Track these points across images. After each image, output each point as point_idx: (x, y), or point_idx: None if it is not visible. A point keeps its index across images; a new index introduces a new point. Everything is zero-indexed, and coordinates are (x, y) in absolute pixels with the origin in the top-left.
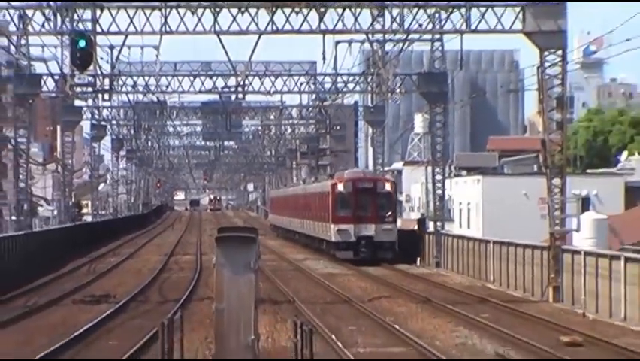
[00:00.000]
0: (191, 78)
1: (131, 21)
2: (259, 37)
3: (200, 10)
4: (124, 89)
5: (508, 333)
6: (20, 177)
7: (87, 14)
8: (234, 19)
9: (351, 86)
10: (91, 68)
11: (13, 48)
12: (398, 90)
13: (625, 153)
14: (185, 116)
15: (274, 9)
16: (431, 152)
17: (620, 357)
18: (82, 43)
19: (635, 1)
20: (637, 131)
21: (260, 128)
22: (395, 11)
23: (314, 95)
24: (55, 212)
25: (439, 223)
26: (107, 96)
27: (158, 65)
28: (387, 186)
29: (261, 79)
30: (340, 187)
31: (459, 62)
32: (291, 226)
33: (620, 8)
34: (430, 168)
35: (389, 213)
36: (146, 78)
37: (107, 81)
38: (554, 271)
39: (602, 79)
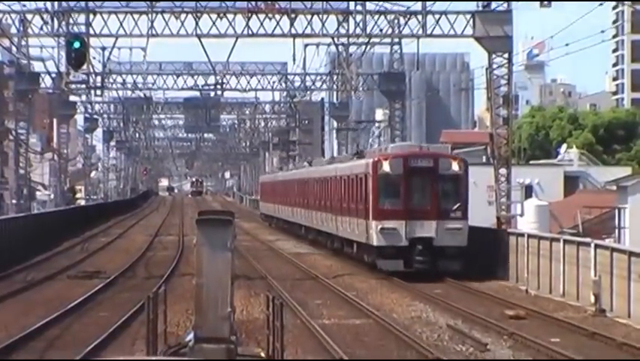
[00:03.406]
0: (175, 76)
1: (121, 25)
2: (236, 40)
3: (183, 16)
4: (114, 86)
5: (459, 307)
6: (20, 164)
7: (81, 19)
8: (214, 23)
9: (318, 84)
10: (84, 67)
11: (14, 49)
12: (361, 88)
13: (564, 146)
14: (169, 110)
15: (250, 15)
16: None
17: (558, 328)
18: (76, 45)
19: (572, 10)
20: (575, 126)
21: (236, 122)
22: (359, 17)
23: (285, 93)
24: (52, 196)
25: None
26: (98, 92)
27: (145, 65)
28: (455, 166)
29: (237, 78)
30: (386, 167)
31: (415, 63)
32: (295, 218)
33: (560, 16)
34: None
35: (457, 205)
36: (134, 76)
37: (98, 79)
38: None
39: (543, 79)
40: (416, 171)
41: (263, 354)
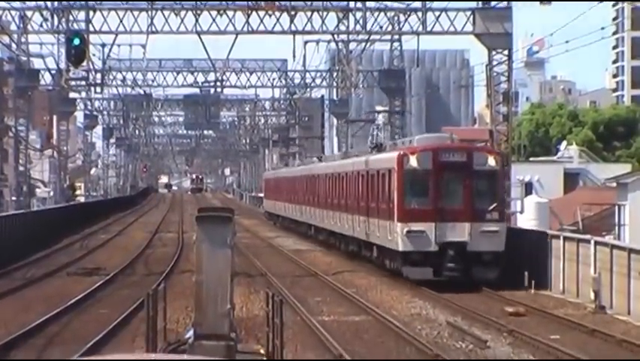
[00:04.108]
0: (175, 73)
1: (121, 22)
2: (236, 37)
3: (183, 12)
4: (114, 83)
5: (459, 304)
6: (20, 161)
7: (81, 15)
8: (214, 20)
9: (318, 81)
10: (84, 63)
11: (14, 45)
12: (361, 85)
13: (564, 143)
14: (169, 107)
15: (250, 12)
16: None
17: (558, 325)
18: (76, 42)
19: (573, 1)
20: (574, 123)
21: (236, 118)
22: (358, 14)
23: (285, 90)
24: (52, 193)
25: None
26: (98, 89)
27: (145, 62)
28: (491, 160)
29: (237, 74)
30: (413, 162)
31: (415, 60)
32: (303, 217)
33: (560, 13)
34: None
35: (494, 205)
36: (134, 73)
37: (98, 76)
38: None
39: (543, 76)
40: (447, 167)
41: (262, 351)
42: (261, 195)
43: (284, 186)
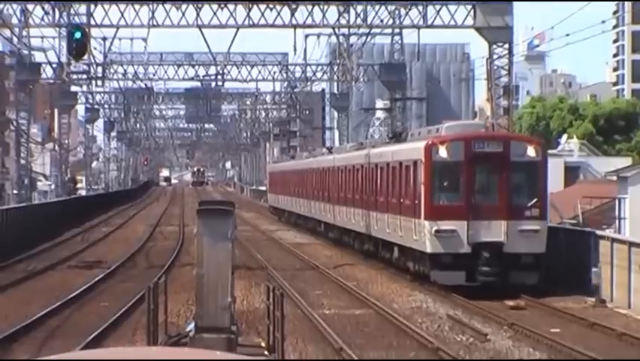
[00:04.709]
0: (176, 67)
1: (122, 15)
2: (237, 31)
3: (184, 6)
4: (115, 77)
5: (459, 297)
6: (21, 154)
7: (82, 9)
8: (215, 14)
9: (319, 74)
10: (85, 57)
11: (15, 39)
12: (361, 79)
13: (564, 137)
14: (170, 101)
15: (251, 5)
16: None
17: (559, 319)
18: (77, 35)
19: (573, 1)
20: (575, 117)
21: (237, 112)
22: (359, 8)
23: (286, 83)
24: (53, 187)
25: None
26: (99, 83)
27: (146, 55)
28: (531, 150)
29: (238, 68)
30: (443, 152)
31: (416, 53)
32: (312, 213)
33: (560, 6)
34: None
35: (534, 200)
36: (135, 67)
37: (99, 69)
38: None
39: (544, 70)
40: (482, 158)
41: (263, 344)
42: (262, 188)
43: (291, 179)
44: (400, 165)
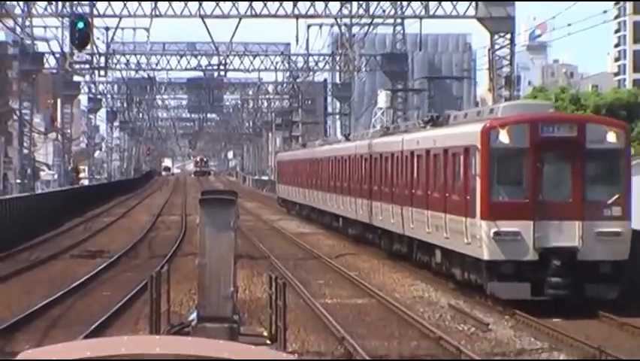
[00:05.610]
0: (178, 57)
1: (125, 5)
2: (239, 21)
3: None
4: (118, 67)
5: (460, 287)
6: (24, 144)
7: None
8: (217, 4)
9: (321, 65)
10: (88, 47)
11: (18, 29)
12: (363, 69)
13: None
14: (173, 90)
15: None
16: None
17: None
18: (80, 25)
19: None
20: (577, 107)
21: (239, 102)
22: None
23: (288, 73)
24: (56, 176)
25: None
26: (102, 73)
27: (149, 45)
28: (611, 136)
29: (240, 58)
30: (504, 137)
31: (418, 44)
32: (329, 207)
33: None
34: None
35: (614, 196)
36: (138, 57)
37: (102, 59)
38: None
39: (545, 60)
40: (551, 144)
41: (265, 333)
42: (265, 178)
43: (303, 169)
44: (444, 152)
